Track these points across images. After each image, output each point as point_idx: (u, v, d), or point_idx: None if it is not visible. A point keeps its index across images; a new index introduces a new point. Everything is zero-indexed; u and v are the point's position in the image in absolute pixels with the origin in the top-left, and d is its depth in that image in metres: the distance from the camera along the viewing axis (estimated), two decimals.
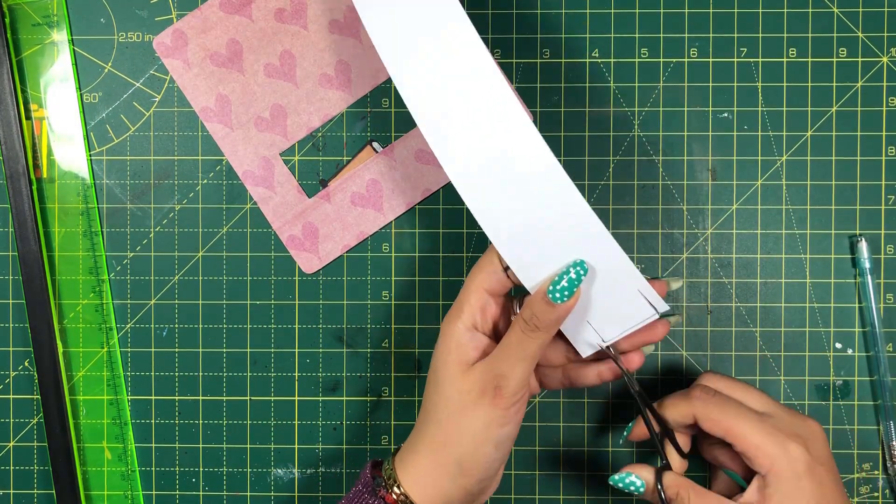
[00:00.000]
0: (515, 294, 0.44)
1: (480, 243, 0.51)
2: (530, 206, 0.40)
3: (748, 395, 0.43)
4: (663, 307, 0.41)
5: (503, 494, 0.51)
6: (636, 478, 0.42)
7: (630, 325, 0.42)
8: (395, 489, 0.40)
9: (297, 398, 0.51)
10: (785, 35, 0.51)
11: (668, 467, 0.42)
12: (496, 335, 0.43)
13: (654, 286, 0.41)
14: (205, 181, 0.51)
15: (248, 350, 0.51)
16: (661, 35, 0.51)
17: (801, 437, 0.40)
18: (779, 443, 0.39)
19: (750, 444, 0.40)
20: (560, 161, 0.51)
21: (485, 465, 0.40)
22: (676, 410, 0.42)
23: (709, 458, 0.45)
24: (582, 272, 0.39)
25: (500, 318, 0.42)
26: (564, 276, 0.39)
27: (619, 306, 0.41)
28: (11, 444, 0.52)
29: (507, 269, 0.41)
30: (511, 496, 0.51)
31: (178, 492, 0.51)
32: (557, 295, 0.39)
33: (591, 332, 0.42)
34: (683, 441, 0.44)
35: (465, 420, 0.39)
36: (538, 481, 0.51)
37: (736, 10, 0.51)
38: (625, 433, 0.45)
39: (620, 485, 0.42)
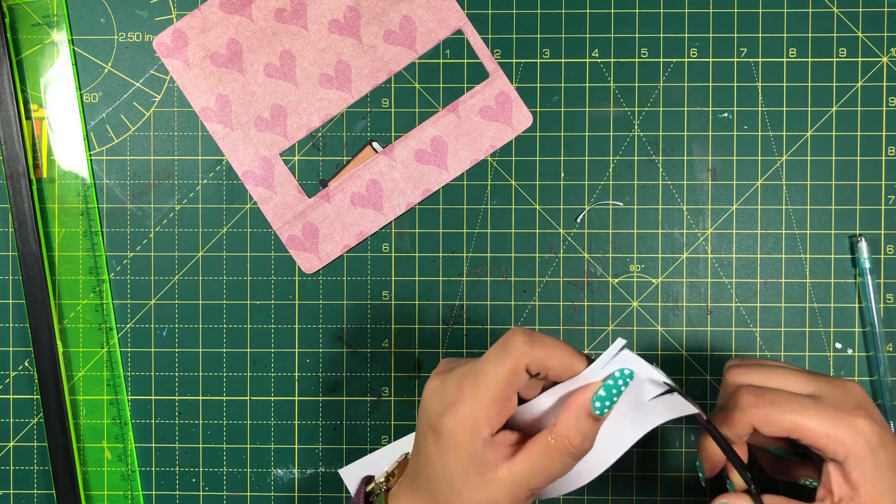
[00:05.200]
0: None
1: (480, 243, 0.51)
2: None
3: (787, 380, 0.40)
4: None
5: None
6: None
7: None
8: None
9: (297, 398, 0.51)
10: (785, 35, 0.51)
11: (760, 491, 0.39)
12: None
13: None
14: (205, 181, 0.51)
15: (248, 350, 0.51)
16: (661, 35, 0.51)
17: (859, 408, 0.37)
18: (846, 424, 0.37)
19: (819, 434, 0.37)
20: (560, 161, 0.51)
21: None
22: (737, 426, 0.39)
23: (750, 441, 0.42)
24: (630, 380, 0.37)
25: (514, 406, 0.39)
26: (613, 390, 0.37)
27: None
28: (11, 444, 0.52)
29: (536, 375, 0.37)
30: None
31: (178, 492, 0.51)
32: (606, 408, 0.37)
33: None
34: (741, 452, 0.41)
35: None
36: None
37: (736, 10, 0.51)
38: (700, 475, 0.42)
39: None
